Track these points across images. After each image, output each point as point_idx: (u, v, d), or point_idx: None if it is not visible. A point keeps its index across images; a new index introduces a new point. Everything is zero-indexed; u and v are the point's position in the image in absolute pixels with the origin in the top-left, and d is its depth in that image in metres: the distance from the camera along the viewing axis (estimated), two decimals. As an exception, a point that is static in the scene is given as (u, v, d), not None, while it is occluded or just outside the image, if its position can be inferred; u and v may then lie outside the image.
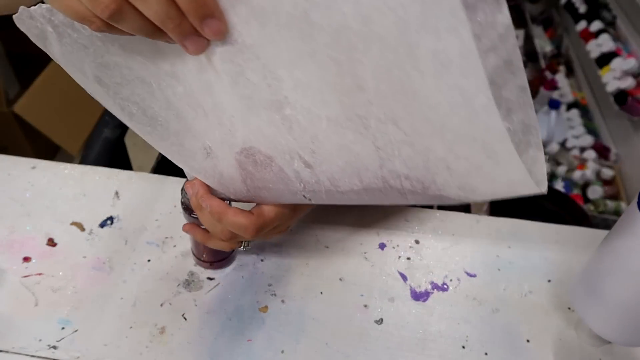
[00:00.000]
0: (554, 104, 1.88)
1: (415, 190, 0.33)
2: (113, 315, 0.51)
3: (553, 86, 2.09)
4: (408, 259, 0.57)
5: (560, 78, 2.14)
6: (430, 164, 0.31)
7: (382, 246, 0.58)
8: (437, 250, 0.58)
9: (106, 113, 0.81)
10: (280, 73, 0.33)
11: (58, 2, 0.32)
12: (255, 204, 0.45)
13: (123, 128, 0.81)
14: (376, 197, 0.35)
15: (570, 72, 2.23)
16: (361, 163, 0.34)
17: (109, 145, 0.78)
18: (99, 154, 0.77)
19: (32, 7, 0.37)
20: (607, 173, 1.69)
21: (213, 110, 0.38)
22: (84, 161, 0.75)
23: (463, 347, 0.51)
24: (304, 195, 0.38)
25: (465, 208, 0.77)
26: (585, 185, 1.71)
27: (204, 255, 0.53)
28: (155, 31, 0.31)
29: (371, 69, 0.29)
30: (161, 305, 0.52)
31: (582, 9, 1.96)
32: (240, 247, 0.49)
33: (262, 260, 0.56)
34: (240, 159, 0.40)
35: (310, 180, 0.37)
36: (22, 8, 0.37)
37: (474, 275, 0.56)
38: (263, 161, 0.39)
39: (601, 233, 0.60)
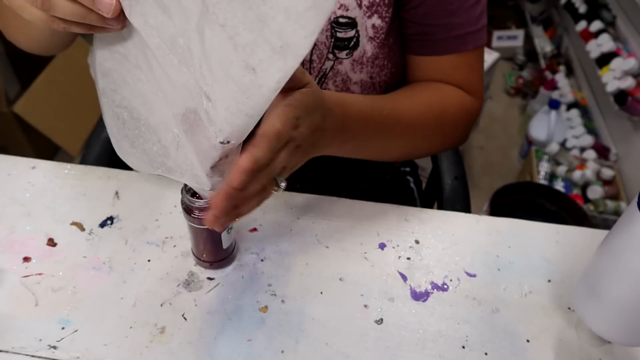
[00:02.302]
0: (554, 104, 1.89)
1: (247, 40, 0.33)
2: (113, 315, 0.51)
3: (553, 86, 2.10)
4: (408, 259, 0.57)
5: (560, 78, 2.14)
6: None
7: (382, 246, 0.58)
8: (437, 250, 0.59)
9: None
10: (164, 1, 0.36)
11: (27, 13, 0.40)
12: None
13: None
14: (251, 94, 0.35)
15: (570, 72, 2.23)
16: (225, 57, 0.35)
17: (109, 145, 0.78)
18: (99, 154, 0.77)
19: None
20: (607, 173, 1.69)
21: (161, 83, 0.40)
22: (84, 161, 0.75)
23: (463, 347, 0.51)
24: (220, 142, 0.38)
25: (465, 208, 0.77)
26: (585, 185, 1.71)
27: (204, 255, 0.53)
28: (85, 12, 0.38)
29: None
30: (161, 305, 0.52)
31: (582, 9, 1.96)
32: (276, 189, 0.45)
33: (262, 260, 0.56)
34: (186, 129, 0.41)
35: (213, 115, 0.38)
36: (91, 48, 0.45)
37: (474, 275, 0.56)
38: (192, 119, 0.40)
39: (601, 233, 0.60)
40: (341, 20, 0.58)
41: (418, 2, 0.58)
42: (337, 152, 0.54)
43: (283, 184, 0.45)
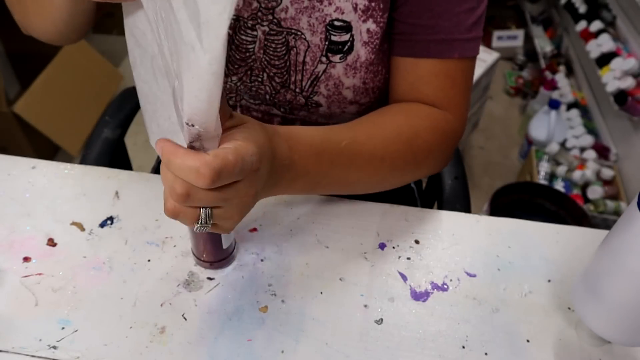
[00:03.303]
0: (554, 104, 1.89)
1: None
2: (113, 315, 0.51)
3: (553, 86, 2.10)
4: (408, 259, 0.57)
5: (560, 78, 2.14)
6: None
7: (382, 246, 0.58)
8: (437, 250, 0.59)
9: (106, 113, 0.82)
10: None
11: None
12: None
13: (123, 128, 0.81)
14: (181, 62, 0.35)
15: (570, 72, 2.23)
16: (174, 32, 0.34)
17: (109, 145, 0.78)
18: (99, 154, 0.77)
19: None
20: (607, 173, 1.69)
21: (164, 57, 0.40)
22: (84, 161, 0.75)
23: (463, 347, 0.51)
24: (186, 123, 0.37)
25: (465, 208, 0.77)
26: (585, 185, 1.71)
27: (204, 255, 0.53)
28: None
29: None
30: (161, 305, 0.52)
31: (582, 9, 1.96)
32: (196, 224, 0.40)
33: (262, 260, 0.56)
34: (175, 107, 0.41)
35: (179, 93, 0.37)
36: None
37: (474, 275, 0.56)
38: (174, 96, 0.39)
39: (601, 233, 0.60)
40: (336, 23, 0.57)
41: (403, 0, 0.56)
42: (287, 192, 0.49)
43: (207, 225, 0.40)
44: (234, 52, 0.61)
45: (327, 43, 0.58)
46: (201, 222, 0.39)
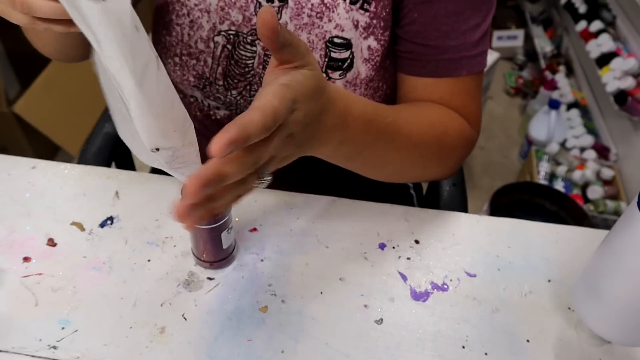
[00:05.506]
0: (554, 104, 1.88)
1: None
2: (113, 315, 0.51)
3: (553, 86, 2.10)
4: (408, 259, 0.57)
5: (560, 78, 2.14)
6: None
7: (382, 246, 0.58)
8: (437, 250, 0.58)
9: (108, 109, 0.82)
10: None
11: (13, 18, 0.41)
12: None
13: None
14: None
15: (570, 72, 2.23)
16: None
17: (110, 140, 0.78)
18: (99, 147, 0.77)
19: None
20: (607, 173, 1.69)
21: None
22: (83, 154, 0.75)
23: (463, 347, 0.51)
24: (151, 151, 0.40)
25: (464, 208, 0.77)
26: (585, 185, 1.71)
27: (204, 255, 0.53)
28: (62, 9, 0.38)
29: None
30: (161, 305, 0.52)
31: (582, 9, 1.96)
32: (259, 182, 0.40)
33: (262, 260, 0.56)
34: None
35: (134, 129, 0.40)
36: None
37: (474, 275, 0.56)
38: None
39: (601, 233, 0.60)
40: (336, 40, 0.57)
41: (410, 19, 0.57)
42: (332, 155, 0.49)
43: (267, 178, 0.40)
44: (233, 67, 0.60)
45: (326, 60, 0.58)
46: (263, 174, 0.40)
